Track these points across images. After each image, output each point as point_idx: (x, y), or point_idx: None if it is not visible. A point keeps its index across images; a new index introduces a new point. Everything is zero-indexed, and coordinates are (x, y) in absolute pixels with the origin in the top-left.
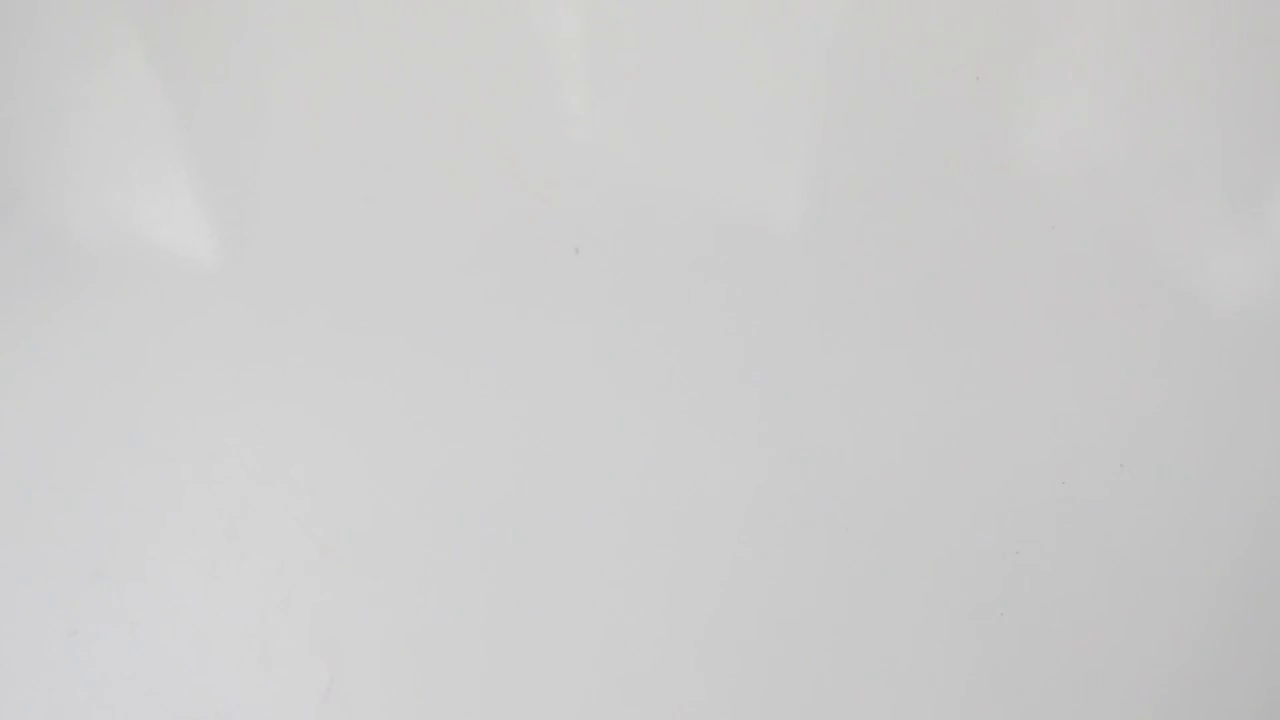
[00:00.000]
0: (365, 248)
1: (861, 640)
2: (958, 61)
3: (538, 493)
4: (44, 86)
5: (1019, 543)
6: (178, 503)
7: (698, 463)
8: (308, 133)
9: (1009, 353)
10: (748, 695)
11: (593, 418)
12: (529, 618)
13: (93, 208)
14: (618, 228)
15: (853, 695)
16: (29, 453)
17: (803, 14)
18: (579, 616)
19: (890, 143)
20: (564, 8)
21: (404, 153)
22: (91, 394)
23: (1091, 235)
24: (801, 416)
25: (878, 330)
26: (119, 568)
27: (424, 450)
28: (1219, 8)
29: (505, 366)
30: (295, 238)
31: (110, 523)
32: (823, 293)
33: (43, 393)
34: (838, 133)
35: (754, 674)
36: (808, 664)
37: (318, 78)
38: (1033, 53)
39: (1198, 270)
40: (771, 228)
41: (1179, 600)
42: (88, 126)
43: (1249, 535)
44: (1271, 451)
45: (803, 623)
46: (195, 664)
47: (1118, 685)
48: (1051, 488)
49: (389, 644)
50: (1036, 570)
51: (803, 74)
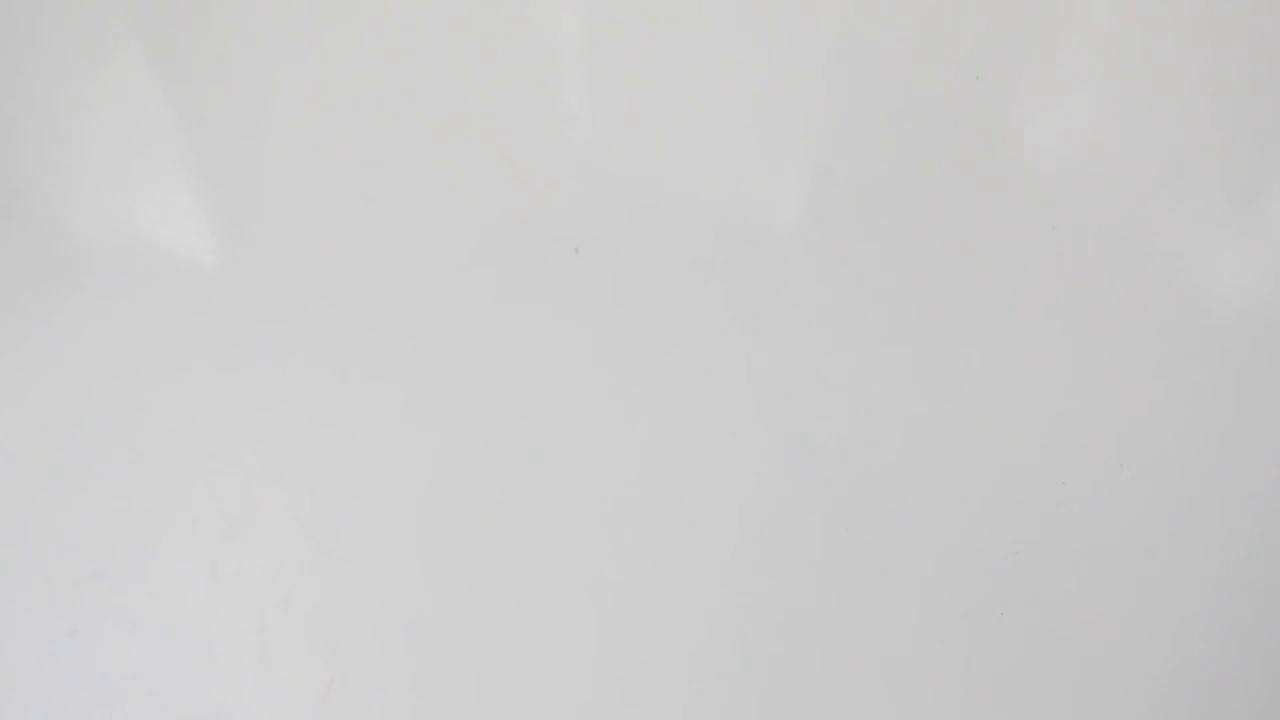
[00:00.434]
0: (365, 248)
1: (861, 640)
2: (958, 61)
3: (537, 492)
4: (45, 86)
5: (1019, 543)
6: (178, 503)
7: (697, 462)
8: (308, 133)
9: (1009, 353)
10: (747, 693)
11: (592, 417)
12: (528, 618)
13: (93, 208)
14: (618, 228)
15: (852, 695)
16: (29, 453)
17: (803, 14)
18: (579, 616)
19: (890, 143)
20: (564, 8)
21: (404, 153)
22: (91, 394)
23: (1091, 235)
24: (801, 416)
25: (877, 330)
26: (119, 568)
27: (424, 450)
28: (1219, 8)
29: (505, 366)
30: (295, 238)
31: (110, 523)
32: (822, 292)
33: (43, 392)
34: (838, 133)
35: (754, 672)
36: (807, 663)
37: (318, 78)
38: (1033, 53)
39: (1198, 270)
40: (771, 228)
41: (1178, 599)
42: (88, 126)
43: (1248, 535)
44: (1270, 451)
45: (802, 622)
46: (195, 664)
47: (1117, 684)
48: (1051, 488)
49: (388, 644)
50: (1036, 570)
51: (803, 74)
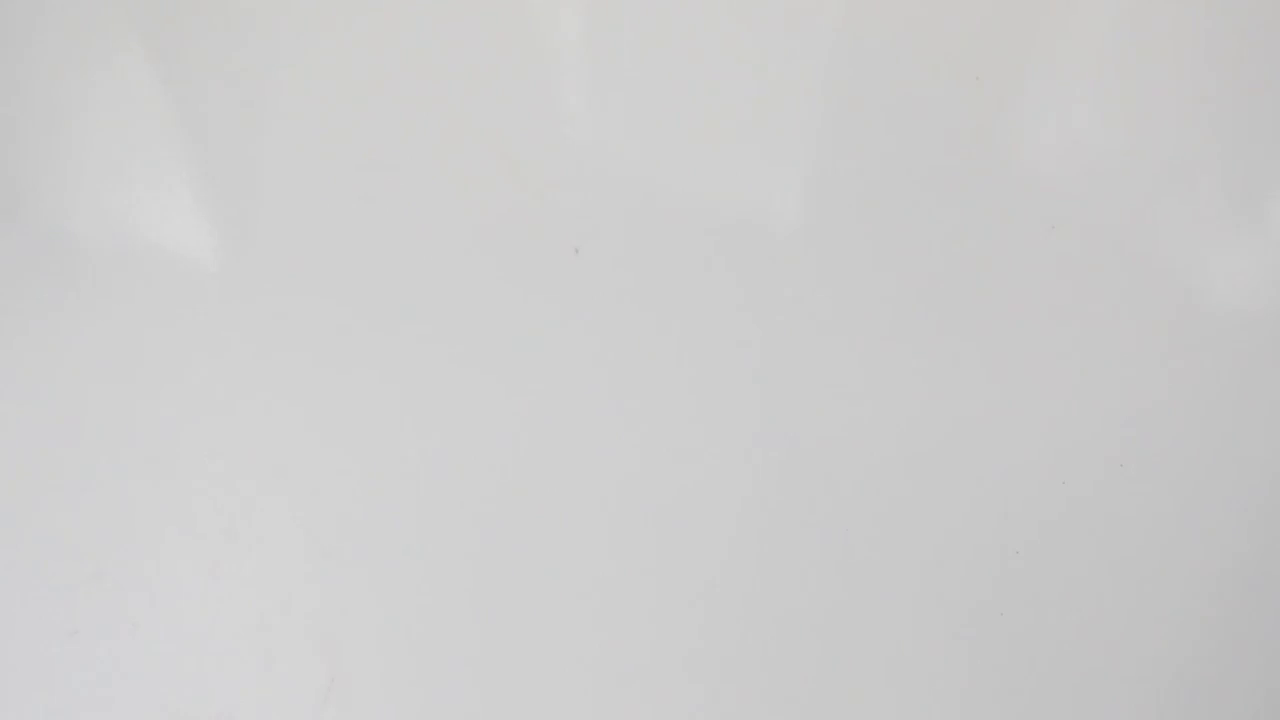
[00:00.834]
0: (365, 248)
1: (860, 640)
2: (958, 61)
3: (538, 493)
4: (45, 86)
5: (1019, 542)
6: (178, 502)
7: (697, 461)
8: (308, 133)
9: (1009, 352)
10: (747, 693)
11: (593, 417)
12: (529, 618)
13: (93, 208)
14: (618, 228)
15: (851, 695)
16: (29, 453)
17: (803, 14)
18: (579, 617)
19: (891, 143)
20: (564, 8)
21: (404, 153)
22: (91, 394)
23: (1091, 235)
24: (801, 416)
25: (877, 329)
26: (119, 568)
27: (425, 450)
28: (1218, 8)
29: (505, 366)
30: (295, 237)
31: (110, 523)
32: (823, 292)
33: (43, 392)
34: (838, 132)
35: (754, 672)
36: (807, 663)
37: (318, 78)
38: (1033, 53)
39: (1198, 270)
40: (772, 227)
41: (1179, 600)
42: (88, 127)
43: (1249, 534)
44: (1271, 450)
45: (802, 622)
46: (195, 664)
47: (1117, 685)
48: (1051, 487)
49: (388, 644)
50: (1036, 570)
51: (803, 74)
